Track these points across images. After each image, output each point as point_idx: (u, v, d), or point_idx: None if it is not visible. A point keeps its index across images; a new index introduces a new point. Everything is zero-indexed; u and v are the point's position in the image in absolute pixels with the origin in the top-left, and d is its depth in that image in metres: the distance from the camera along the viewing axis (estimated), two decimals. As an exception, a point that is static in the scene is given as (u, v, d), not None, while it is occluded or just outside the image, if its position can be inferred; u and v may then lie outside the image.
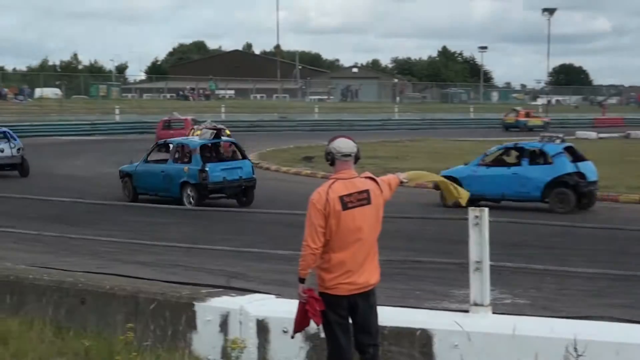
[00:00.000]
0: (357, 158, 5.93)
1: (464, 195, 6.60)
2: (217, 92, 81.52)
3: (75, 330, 7.71)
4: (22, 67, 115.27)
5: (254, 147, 37.60)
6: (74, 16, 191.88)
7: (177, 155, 20.34)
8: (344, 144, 5.87)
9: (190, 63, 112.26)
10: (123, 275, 8.81)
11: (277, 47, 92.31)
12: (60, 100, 65.49)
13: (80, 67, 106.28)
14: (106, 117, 55.48)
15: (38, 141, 41.86)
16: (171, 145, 20.85)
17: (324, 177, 24.99)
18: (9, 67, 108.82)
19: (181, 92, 78.00)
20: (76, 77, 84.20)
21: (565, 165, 18.59)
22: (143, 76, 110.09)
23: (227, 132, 33.34)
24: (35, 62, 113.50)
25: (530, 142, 19.87)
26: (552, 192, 18.37)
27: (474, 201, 18.63)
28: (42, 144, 39.87)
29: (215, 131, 20.59)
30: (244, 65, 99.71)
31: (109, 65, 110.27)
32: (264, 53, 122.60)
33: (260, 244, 13.15)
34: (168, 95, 77.09)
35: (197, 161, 19.49)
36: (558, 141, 19.26)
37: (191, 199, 19.35)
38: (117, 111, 55.94)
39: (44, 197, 15.21)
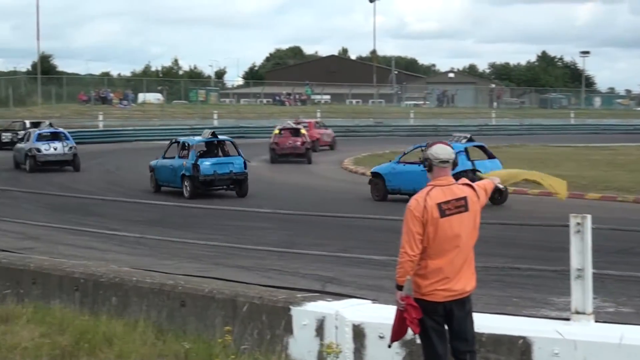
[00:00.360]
0: (454, 164, 5.88)
1: (560, 189, 6.48)
2: (313, 97, 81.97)
3: (175, 333, 7.86)
4: (127, 73, 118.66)
5: (349, 152, 37.72)
6: (176, 22, 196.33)
7: (182, 152, 23.40)
8: (442, 150, 5.83)
9: (286, 68, 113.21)
10: (221, 278, 8.92)
11: (373, 52, 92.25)
12: (161, 105, 67.09)
13: (180, 72, 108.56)
14: (205, 121, 56.45)
15: (140, 145, 42.98)
16: (179, 143, 23.96)
17: (419, 182, 24.84)
18: (114, 72, 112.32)
19: (277, 97, 78.78)
20: (177, 82, 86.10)
21: (462, 163, 19.72)
22: (241, 81, 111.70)
23: (303, 131, 34.55)
24: (138, 68, 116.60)
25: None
26: None
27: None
28: (145, 148, 40.79)
29: (213, 131, 24.10)
30: (340, 70, 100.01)
31: (208, 71, 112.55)
32: (360, 58, 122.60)
33: (354, 249, 13.16)
34: (265, 101, 77.91)
35: (192, 156, 22.62)
36: (464, 140, 21.44)
37: (187, 189, 22.34)
38: (215, 116, 56.91)
39: (147, 201, 15.60)
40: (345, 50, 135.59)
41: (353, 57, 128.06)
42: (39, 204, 19.49)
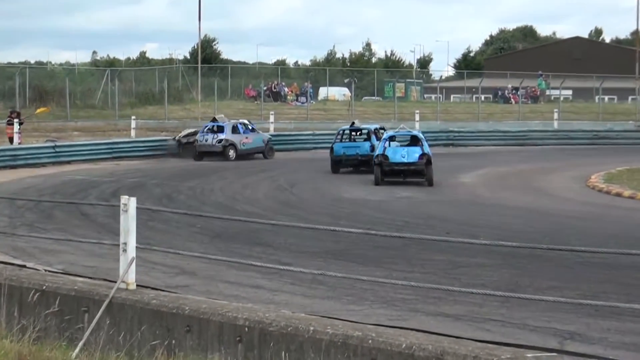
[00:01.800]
0: None
1: None
2: (548, 92, 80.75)
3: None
4: (305, 61, 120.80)
5: (598, 166, 36.83)
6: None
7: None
8: None
9: (513, 54, 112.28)
10: (423, 330, 8.96)
11: (636, 33, 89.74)
12: (348, 102, 67.83)
13: (373, 60, 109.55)
14: (403, 124, 56.50)
15: (320, 155, 43.49)
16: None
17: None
18: (290, 61, 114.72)
19: (500, 92, 78.16)
20: (368, 73, 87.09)
21: (378, 148, 32.96)
22: (451, 72, 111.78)
23: None
24: (320, 55, 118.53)
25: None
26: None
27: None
28: (326, 158, 41.19)
29: (353, 122, 40.19)
30: (587, 57, 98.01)
31: (409, 58, 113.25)
32: (617, 41, 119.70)
33: (605, 294, 12.90)
34: (482, 97, 77.36)
35: (333, 141, 37.48)
36: (397, 129, 35.78)
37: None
38: (416, 117, 56.71)
39: (326, 227, 15.87)
40: (598, 32, 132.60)
41: (607, 39, 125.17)
42: (193, 229, 20.23)
